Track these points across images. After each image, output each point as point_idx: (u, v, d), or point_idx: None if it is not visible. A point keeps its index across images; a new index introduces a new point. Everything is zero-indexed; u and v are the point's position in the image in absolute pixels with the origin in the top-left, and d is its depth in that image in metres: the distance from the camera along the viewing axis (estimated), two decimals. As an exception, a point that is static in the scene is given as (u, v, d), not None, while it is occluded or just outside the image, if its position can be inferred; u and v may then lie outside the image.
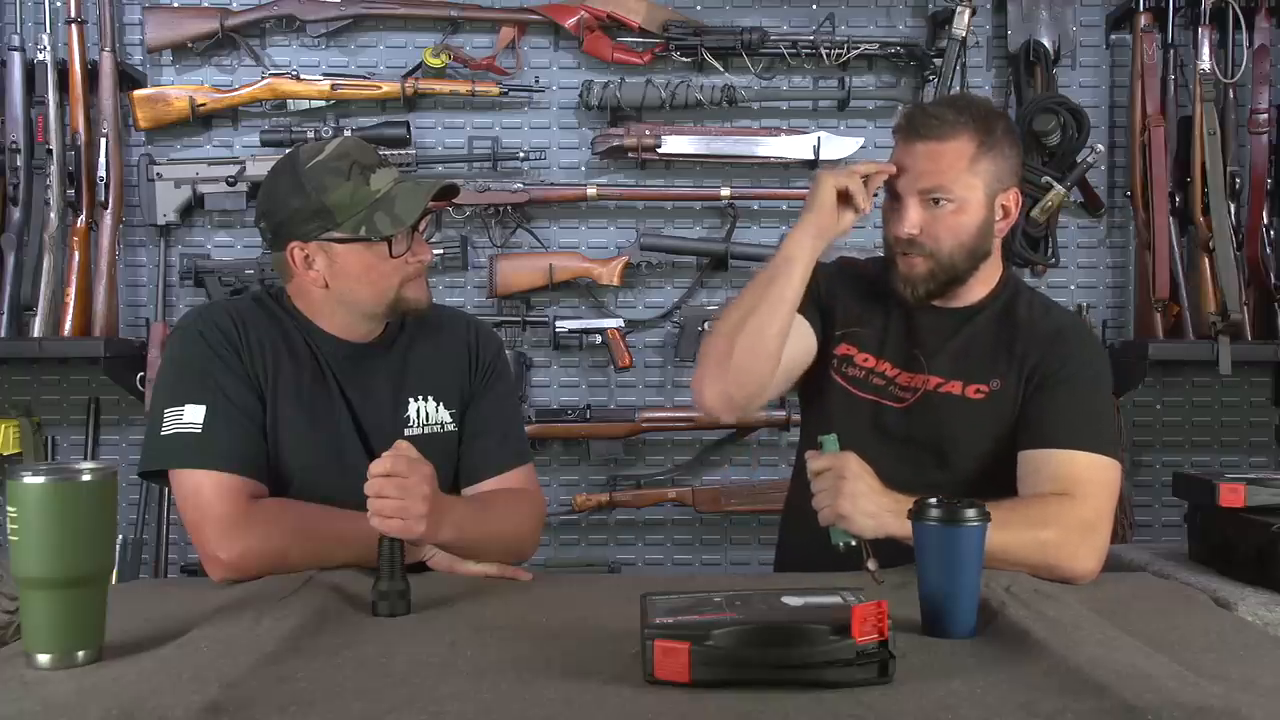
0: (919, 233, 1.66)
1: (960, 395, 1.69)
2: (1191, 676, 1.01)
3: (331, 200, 1.53)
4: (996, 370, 1.69)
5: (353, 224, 1.53)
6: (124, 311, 2.74)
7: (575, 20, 2.73)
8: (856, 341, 1.76)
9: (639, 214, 2.83)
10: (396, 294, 1.58)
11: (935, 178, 1.65)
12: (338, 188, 1.53)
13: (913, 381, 1.71)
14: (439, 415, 1.67)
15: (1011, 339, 1.71)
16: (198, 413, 1.51)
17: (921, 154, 1.66)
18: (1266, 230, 2.62)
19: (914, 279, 1.69)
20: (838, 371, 1.75)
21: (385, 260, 1.55)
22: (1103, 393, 1.71)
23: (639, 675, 1.03)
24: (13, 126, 2.60)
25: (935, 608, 1.21)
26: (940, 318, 1.74)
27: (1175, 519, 2.64)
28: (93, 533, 1.11)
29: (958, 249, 1.67)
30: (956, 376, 1.70)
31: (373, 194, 1.54)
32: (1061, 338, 1.70)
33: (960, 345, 1.72)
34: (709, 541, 2.86)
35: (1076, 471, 1.58)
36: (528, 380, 2.80)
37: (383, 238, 1.54)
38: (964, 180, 1.66)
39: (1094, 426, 1.62)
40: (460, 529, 1.47)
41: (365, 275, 1.56)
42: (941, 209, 1.66)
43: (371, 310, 1.60)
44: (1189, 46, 2.68)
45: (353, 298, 1.59)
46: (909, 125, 1.70)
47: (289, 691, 1.01)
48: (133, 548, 2.69)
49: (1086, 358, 1.71)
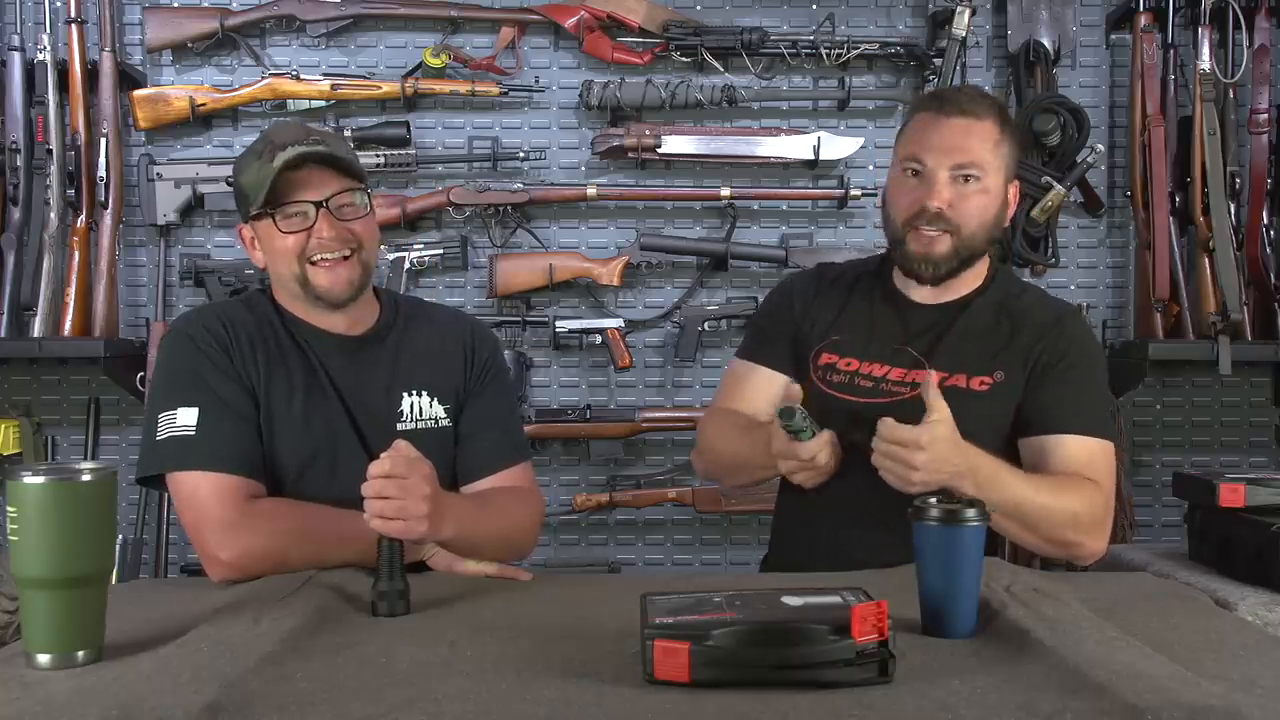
0: (948, 206, 1.66)
1: (965, 388, 1.69)
2: (1191, 676, 1.00)
3: (244, 180, 1.59)
4: (999, 362, 1.69)
5: (254, 199, 1.57)
6: (124, 311, 2.74)
7: (575, 20, 2.73)
8: (836, 349, 1.77)
9: (639, 214, 2.84)
10: (302, 271, 1.58)
11: (969, 154, 1.66)
12: (248, 168, 1.58)
13: (909, 377, 1.71)
14: (433, 410, 1.67)
15: (1012, 330, 1.72)
16: (191, 415, 1.52)
17: (955, 129, 1.67)
18: (1266, 230, 2.62)
19: (935, 257, 1.69)
20: (822, 380, 1.76)
21: (282, 236, 1.57)
22: (1102, 378, 1.75)
23: (639, 675, 1.03)
24: (13, 126, 2.60)
25: (935, 608, 1.21)
26: (931, 313, 1.75)
27: (1175, 519, 2.65)
28: (93, 533, 1.10)
29: (980, 229, 1.69)
30: (959, 370, 1.69)
31: (272, 170, 1.55)
32: (1061, 326, 1.72)
33: (956, 338, 1.72)
34: (709, 541, 2.87)
35: (1087, 456, 1.63)
36: (528, 380, 2.80)
37: (260, 209, 1.56)
38: (992, 161, 1.68)
39: (1097, 412, 1.67)
40: (461, 526, 1.47)
41: (272, 249, 1.60)
42: (969, 186, 1.67)
43: (293, 289, 1.61)
44: (1189, 46, 2.68)
45: (277, 275, 1.62)
46: (940, 101, 1.71)
47: (289, 691, 1.01)
48: (133, 548, 2.68)
49: (1086, 345, 1.74)
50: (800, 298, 1.83)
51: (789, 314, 1.82)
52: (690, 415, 2.73)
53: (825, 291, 1.83)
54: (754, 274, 2.82)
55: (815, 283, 1.85)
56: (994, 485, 1.50)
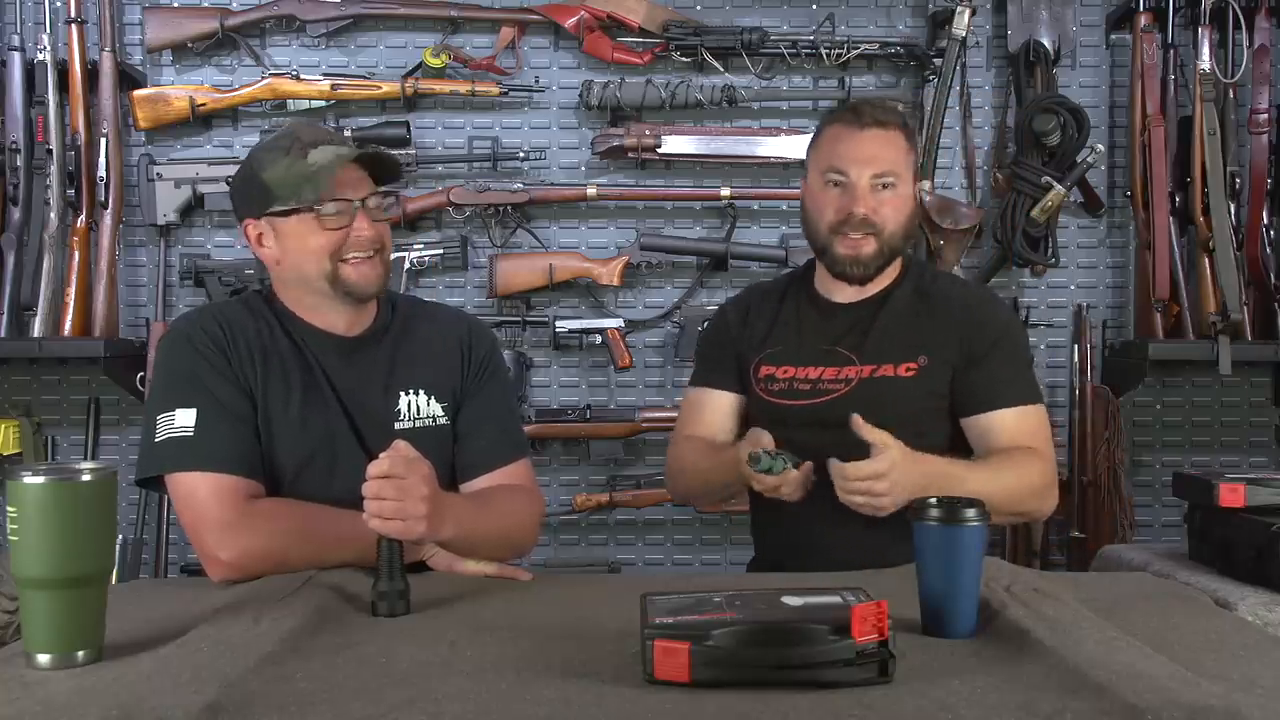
0: (873, 212, 1.78)
1: (894, 376, 1.79)
2: (1191, 676, 1.00)
3: (268, 176, 1.58)
4: (921, 346, 1.80)
5: (286, 195, 1.57)
6: (124, 311, 2.74)
7: (575, 20, 2.73)
8: (773, 360, 1.87)
9: (639, 214, 2.83)
10: (335, 269, 1.59)
11: (886, 163, 1.79)
12: (276, 163, 1.58)
13: (842, 374, 1.81)
14: (430, 409, 1.67)
15: (930, 315, 1.83)
16: (189, 416, 1.52)
17: (872, 140, 1.79)
18: (1266, 230, 2.62)
19: (863, 259, 1.81)
20: (765, 391, 1.86)
21: (319, 232, 1.58)
22: (1023, 347, 1.89)
23: (639, 675, 1.03)
24: (13, 126, 2.60)
25: (935, 608, 1.21)
26: (853, 310, 1.86)
27: (1175, 519, 2.65)
28: (93, 533, 1.11)
29: (899, 230, 1.81)
30: (886, 360, 1.80)
31: (308, 167, 1.57)
32: (978, 308, 1.85)
33: (880, 331, 1.83)
34: (709, 541, 2.87)
35: (1025, 424, 1.77)
36: (528, 380, 2.80)
37: (309, 205, 1.57)
38: (904, 168, 1.81)
39: (1021, 381, 1.81)
40: (460, 526, 1.47)
41: (303, 247, 1.59)
42: (887, 193, 1.80)
43: (318, 286, 1.61)
44: (1189, 46, 2.68)
45: (300, 272, 1.61)
46: (855, 115, 1.83)
47: (289, 691, 1.01)
48: (133, 548, 2.69)
49: (1003, 321, 1.87)
50: (734, 318, 1.95)
51: (727, 336, 1.94)
52: (690, 415, 2.73)
53: (756, 308, 1.94)
54: (754, 274, 2.81)
55: (746, 301, 1.99)
56: (955, 486, 1.56)
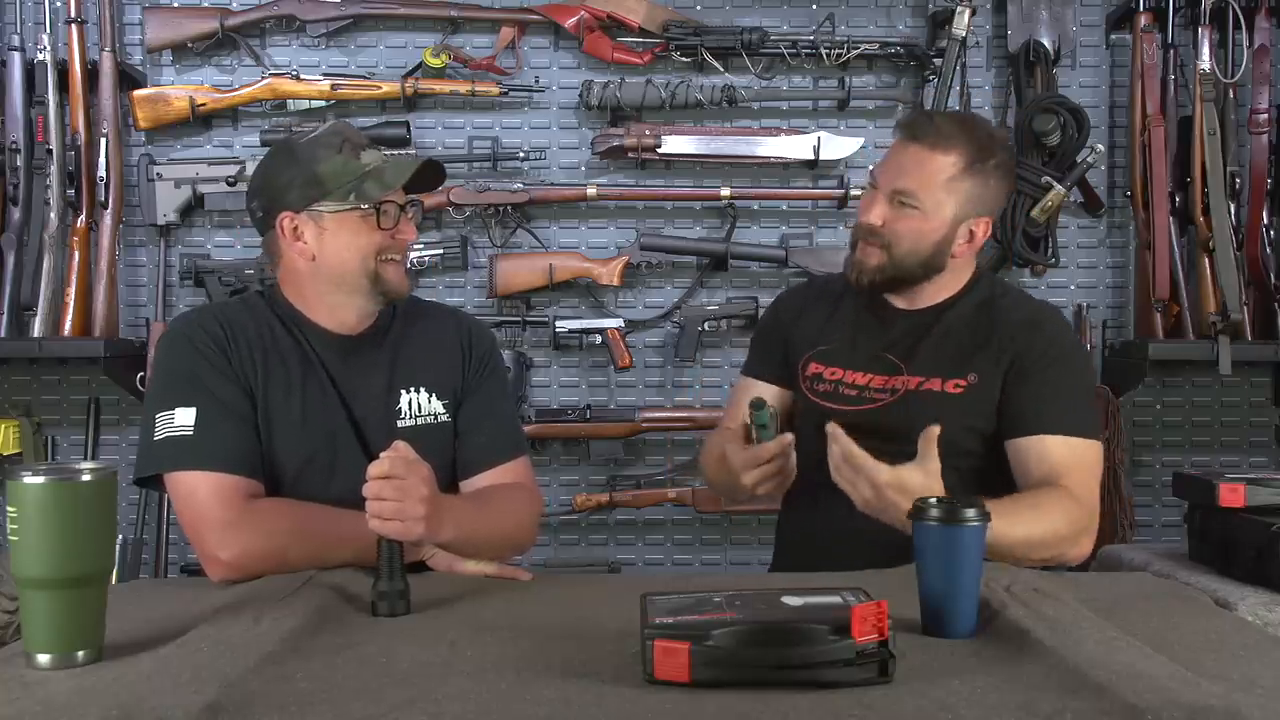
0: (881, 224, 1.74)
1: (940, 391, 1.73)
2: (1191, 676, 1.00)
3: (323, 169, 1.58)
4: (973, 364, 1.73)
5: (342, 192, 1.58)
6: (124, 311, 2.74)
7: (575, 20, 2.73)
8: (823, 359, 1.83)
9: (639, 214, 2.83)
10: (377, 268, 1.60)
11: (908, 181, 1.73)
12: (329, 159, 1.58)
13: (889, 384, 1.76)
14: (431, 407, 1.67)
15: (988, 333, 1.75)
16: (188, 415, 1.52)
17: (908, 155, 1.74)
18: (1266, 230, 2.62)
19: (864, 268, 1.77)
20: (810, 390, 1.82)
21: (371, 231, 1.59)
22: (1082, 376, 1.77)
23: (639, 675, 1.03)
24: (13, 126, 2.60)
25: (935, 608, 1.21)
26: (911, 318, 1.80)
27: (1175, 519, 2.66)
28: (93, 533, 1.10)
29: (911, 253, 1.75)
30: (935, 374, 1.74)
31: (362, 166, 1.59)
32: (1037, 327, 1.75)
33: (934, 343, 1.77)
34: (709, 541, 2.87)
35: (1064, 457, 1.64)
36: (528, 380, 2.80)
37: (373, 203, 1.58)
38: (935, 195, 1.73)
39: (1075, 410, 1.69)
40: (460, 528, 1.47)
41: (352, 243, 1.59)
42: (905, 211, 1.73)
43: (355, 283, 1.61)
44: (1189, 46, 2.68)
45: (339, 269, 1.60)
46: (908, 125, 1.77)
47: (289, 691, 1.01)
48: (133, 548, 2.69)
49: (1062, 344, 1.76)
50: (788, 310, 1.92)
51: (779, 326, 1.91)
52: (690, 415, 2.74)
53: (813, 302, 1.90)
54: (754, 274, 2.82)
55: (804, 294, 1.95)
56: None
